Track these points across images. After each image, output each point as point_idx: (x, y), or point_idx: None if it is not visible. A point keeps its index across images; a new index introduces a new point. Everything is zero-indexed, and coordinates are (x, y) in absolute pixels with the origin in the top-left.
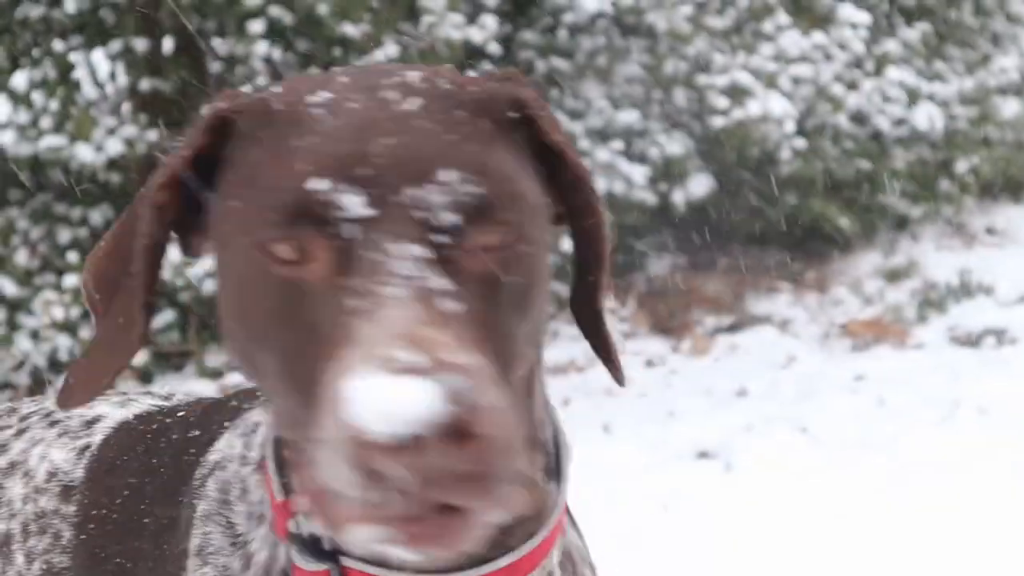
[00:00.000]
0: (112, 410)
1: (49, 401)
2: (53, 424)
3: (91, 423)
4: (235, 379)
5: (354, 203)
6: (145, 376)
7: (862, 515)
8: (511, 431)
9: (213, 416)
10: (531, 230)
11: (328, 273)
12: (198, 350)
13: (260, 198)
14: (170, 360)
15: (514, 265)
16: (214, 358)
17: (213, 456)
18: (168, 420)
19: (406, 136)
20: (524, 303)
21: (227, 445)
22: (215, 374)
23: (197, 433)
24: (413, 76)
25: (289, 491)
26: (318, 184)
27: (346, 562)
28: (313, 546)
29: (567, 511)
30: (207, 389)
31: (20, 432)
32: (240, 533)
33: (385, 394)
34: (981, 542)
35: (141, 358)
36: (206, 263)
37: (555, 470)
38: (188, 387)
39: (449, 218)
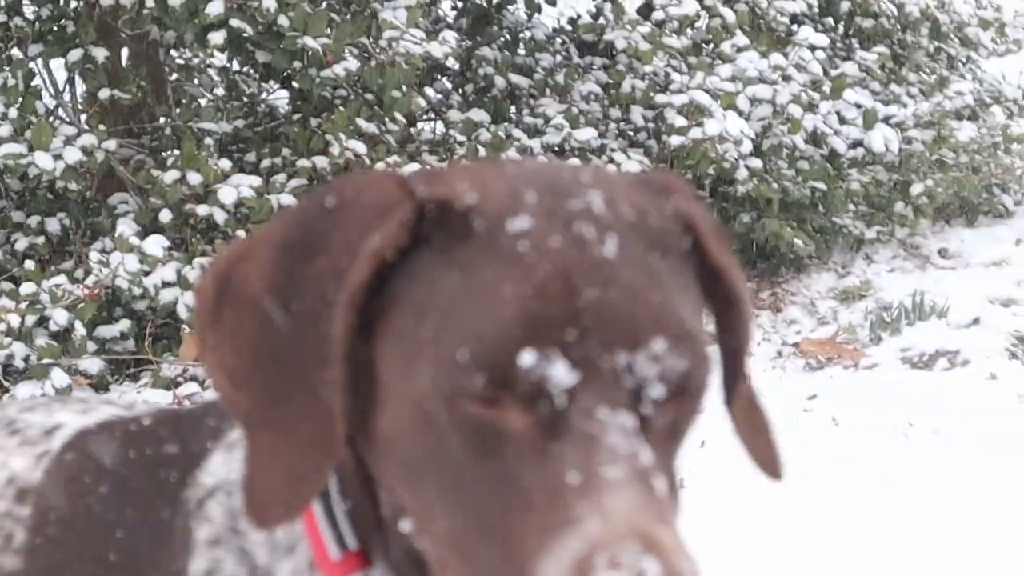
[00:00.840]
0: (72, 418)
1: (12, 408)
2: (14, 433)
3: (50, 431)
4: (190, 388)
5: (562, 373)
6: (100, 384)
7: (813, 531)
8: None
9: (189, 432)
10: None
11: (530, 429)
12: (154, 359)
13: (458, 346)
14: (126, 369)
15: (690, 418)
16: (170, 368)
17: (208, 479)
18: (134, 430)
19: (612, 291)
20: (682, 445)
21: (227, 470)
22: (171, 384)
23: (175, 450)
24: (598, 197)
25: (345, 547)
26: (529, 359)
27: None
28: None
29: None
30: (163, 399)
31: None
32: (260, 564)
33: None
34: (940, 553)
35: (96, 367)
36: (165, 272)
37: None
38: (143, 396)
39: (658, 390)
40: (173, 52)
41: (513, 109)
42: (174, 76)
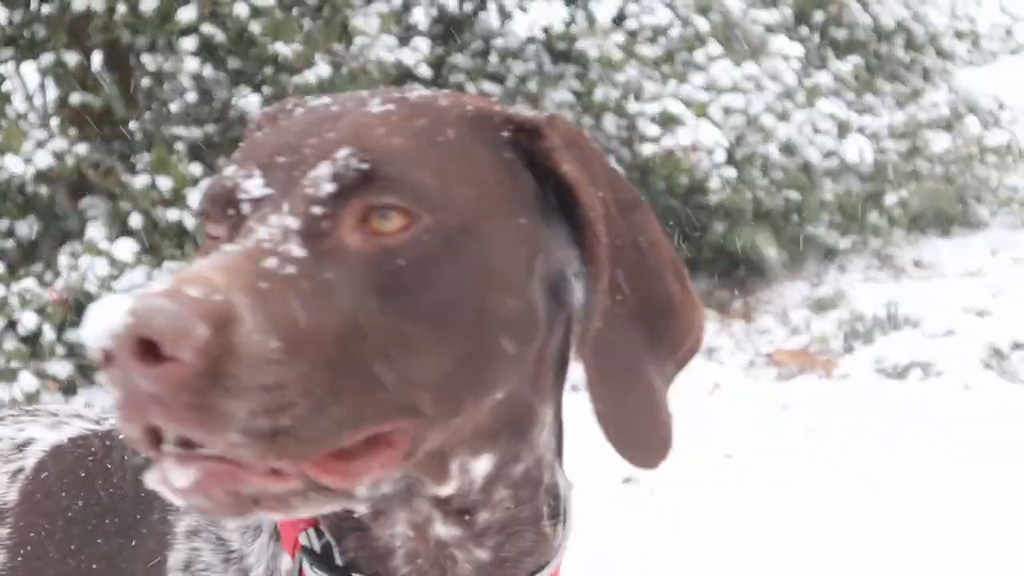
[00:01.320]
0: (44, 432)
1: None
2: None
3: (23, 446)
4: None
5: (253, 184)
6: (68, 390)
7: (805, 533)
8: (242, 371)
9: None
10: (445, 223)
11: (227, 239)
12: None
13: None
14: (94, 374)
15: (418, 257)
16: None
17: None
18: (109, 443)
19: (339, 127)
20: (432, 307)
21: None
22: None
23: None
24: (416, 94)
25: None
26: (229, 172)
27: None
28: (325, 559)
29: None
30: None
31: None
32: (234, 549)
33: (102, 308)
34: (932, 551)
35: (66, 371)
36: (134, 276)
37: (561, 512)
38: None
39: (327, 187)
40: (144, 57)
41: None
42: (145, 81)
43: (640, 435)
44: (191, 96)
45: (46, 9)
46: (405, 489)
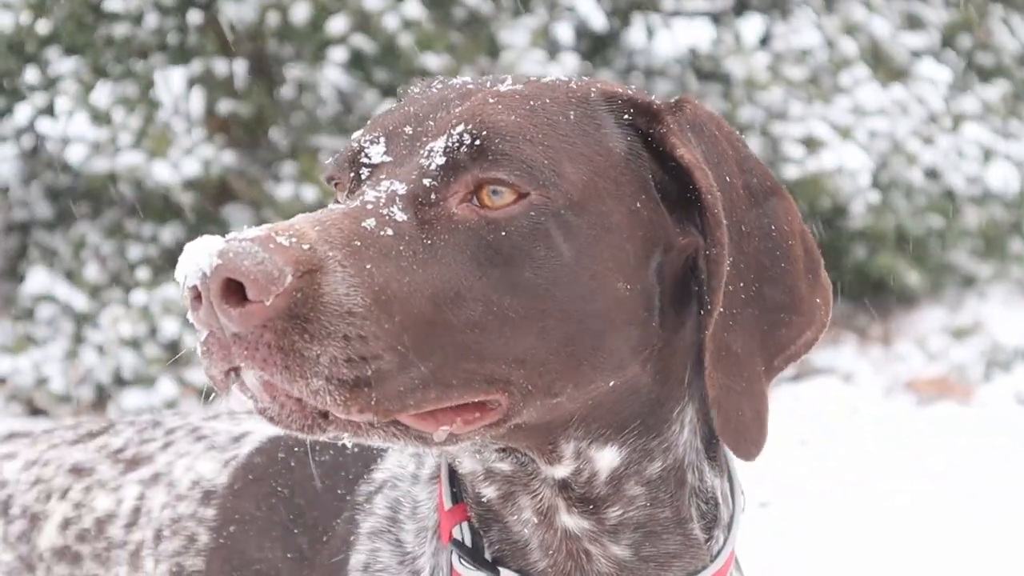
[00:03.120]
0: (260, 426)
1: (194, 417)
2: (200, 439)
3: (239, 438)
4: None
5: (375, 151)
6: (206, 398)
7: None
8: (323, 320)
9: None
10: (553, 200)
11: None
12: None
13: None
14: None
15: (523, 233)
16: None
17: (380, 475)
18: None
19: (468, 104)
20: (533, 283)
21: (396, 463)
22: None
23: (357, 450)
24: (558, 78)
25: (458, 499)
26: (358, 136)
27: (505, 573)
28: (474, 553)
29: (735, 562)
30: None
31: (166, 445)
32: (409, 551)
33: (192, 248)
34: None
35: (204, 379)
36: None
37: (726, 520)
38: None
39: (438, 160)
40: (290, 67)
41: None
42: (289, 91)
43: (742, 425)
44: (333, 107)
45: (196, 18)
46: (520, 467)
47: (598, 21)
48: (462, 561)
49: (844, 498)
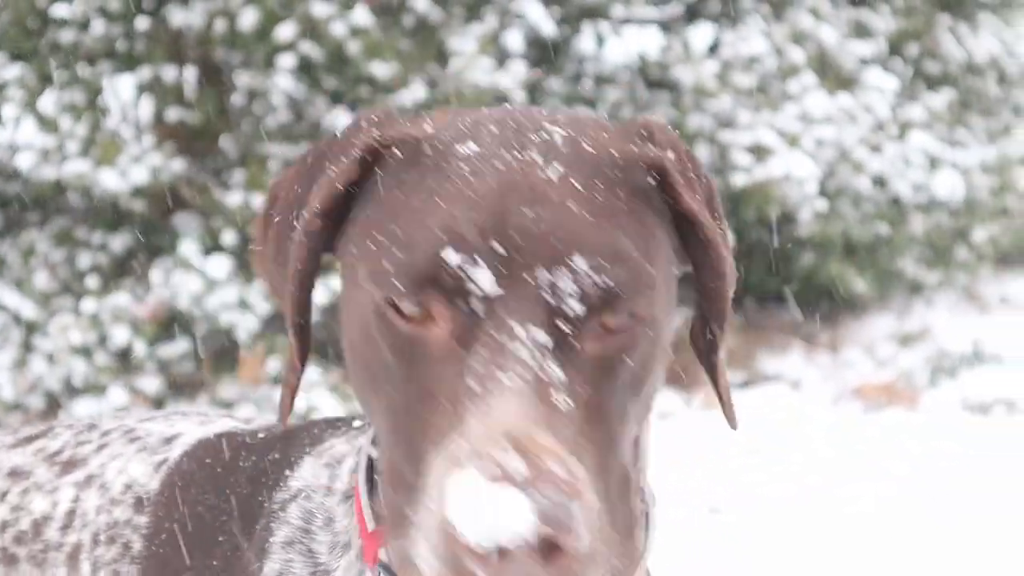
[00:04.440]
0: (192, 428)
1: (130, 419)
2: (133, 440)
3: (170, 440)
4: (247, 411)
5: (485, 279)
6: (157, 404)
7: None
8: (601, 547)
9: (292, 441)
10: (655, 314)
11: (449, 339)
12: (211, 381)
13: (395, 251)
14: (183, 390)
15: (633, 349)
16: (227, 389)
17: (295, 483)
18: (250, 440)
19: (544, 210)
20: (638, 384)
21: (311, 474)
22: (227, 405)
23: (276, 456)
24: (559, 134)
25: (380, 520)
26: (453, 257)
27: None
28: None
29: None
30: None
31: (100, 447)
32: (321, 563)
33: (484, 502)
34: None
35: (155, 386)
36: (225, 294)
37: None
38: None
39: (576, 307)
40: (239, 74)
41: None
42: (238, 98)
43: (730, 405)
44: (284, 115)
45: (143, 24)
46: None
47: (548, 28)
48: None
49: (797, 504)
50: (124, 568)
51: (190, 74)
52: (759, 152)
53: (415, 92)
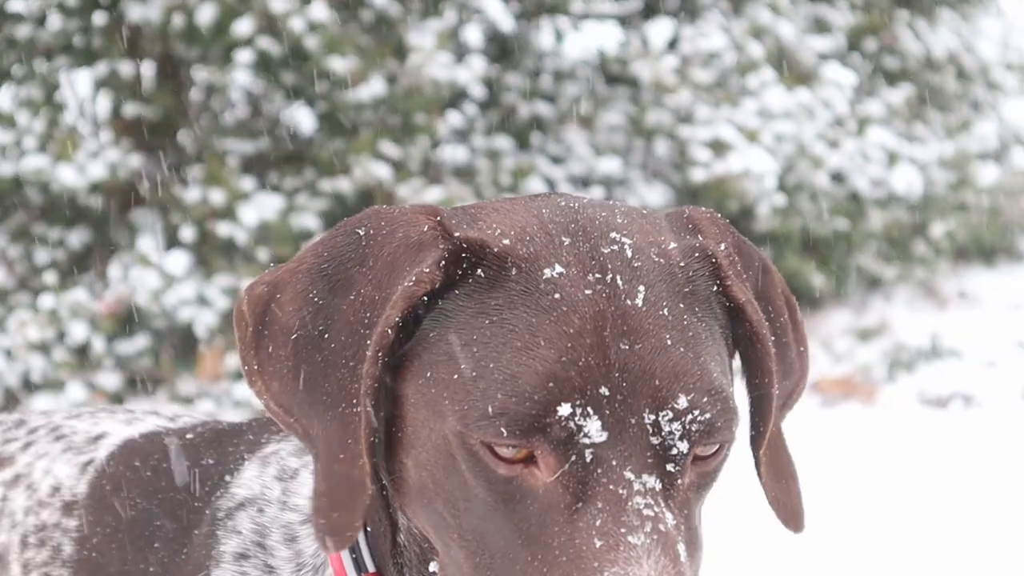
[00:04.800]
0: (118, 427)
1: (58, 416)
2: (59, 439)
3: (96, 439)
4: (206, 407)
5: (595, 428)
6: (116, 400)
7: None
8: None
9: (226, 445)
10: (736, 433)
11: (556, 486)
12: (170, 377)
13: (497, 395)
14: (143, 386)
15: (719, 468)
16: (186, 385)
17: (241, 491)
18: (177, 442)
19: (641, 346)
20: (714, 484)
21: (260, 484)
22: (186, 400)
23: (211, 461)
24: (627, 244)
25: (362, 568)
26: (565, 410)
27: None
28: None
29: None
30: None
31: (27, 445)
32: None
33: None
34: None
35: (114, 382)
36: (184, 290)
37: None
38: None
39: (681, 447)
40: (197, 69)
41: (538, 137)
42: (197, 94)
43: (792, 502)
44: (243, 110)
45: (100, 19)
46: None
47: (506, 23)
48: None
49: (753, 499)
50: (55, 572)
51: (148, 69)
52: (718, 147)
53: (374, 87)
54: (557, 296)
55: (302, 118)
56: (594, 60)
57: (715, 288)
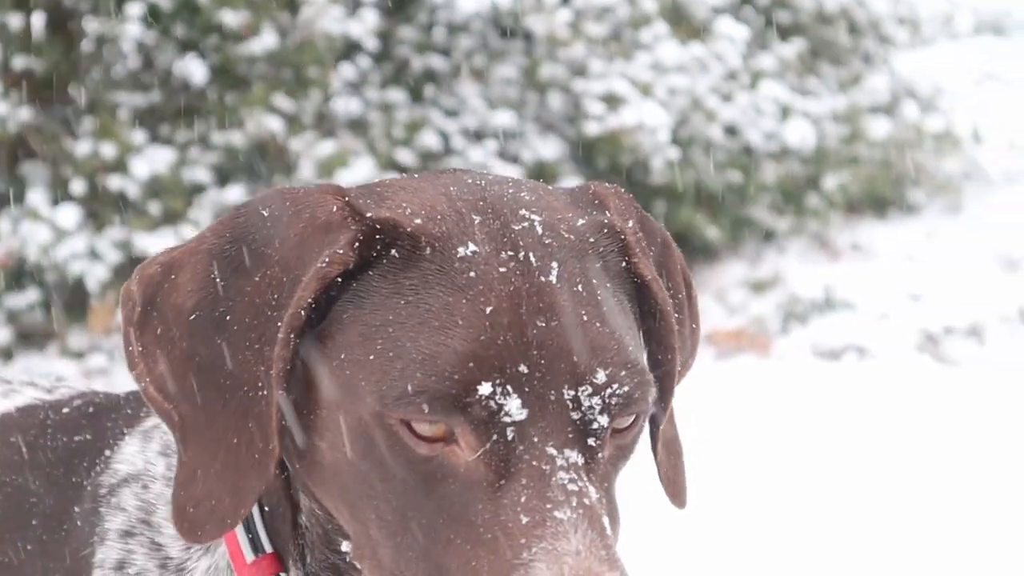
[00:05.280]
0: None
1: None
2: None
3: None
4: (97, 361)
5: (515, 406)
6: (6, 355)
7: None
8: None
9: (104, 420)
10: (651, 403)
11: (478, 464)
12: (61, 331)
13: (416, 373)
14: (32, 340)
15: (635, 438)
16: (77, 339)
17: (123, 467)
18: (53, 416)
19: (558, 322)
20: (631, 454)
21: (143, 460)
22: (77, 355)
23: (89, 436)
24: (536, 220)
25: (259, 549)
26: (486, 388)
27: None
28: None
29: None
30: (69, 369)
31: None
32: (172, 557)
33: None
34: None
35: (3, 337)
36: (75, 243)
37: None
38: (50, 367)
39: (601, 420)
40: (88, 21)
41: (431, 90)
42: (88, 46)
43: (679, 479)
44: (134, 62)
45: None
46: None
47: None
48: None
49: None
50: None
51: (37, 20)
52: (612, 101)
53: (266, 40)
54: (472, 275)
55: (194, 71)
56: (487, 13)
57: (623, 264)
